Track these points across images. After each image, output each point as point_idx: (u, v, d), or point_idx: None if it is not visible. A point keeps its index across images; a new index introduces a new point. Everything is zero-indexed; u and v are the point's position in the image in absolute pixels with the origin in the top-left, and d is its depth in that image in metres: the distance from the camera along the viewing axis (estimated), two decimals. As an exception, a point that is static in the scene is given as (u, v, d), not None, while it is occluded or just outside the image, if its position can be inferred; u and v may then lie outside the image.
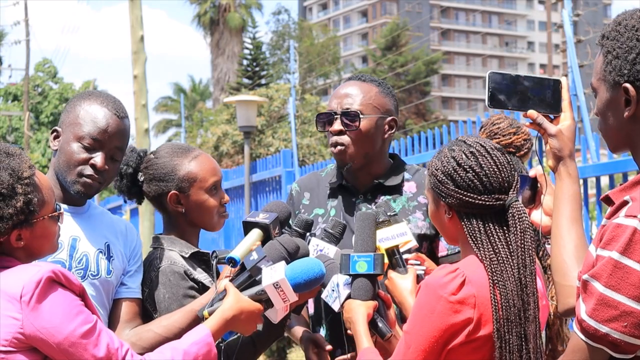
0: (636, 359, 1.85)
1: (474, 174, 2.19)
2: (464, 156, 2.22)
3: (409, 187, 3.06)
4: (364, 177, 3.06)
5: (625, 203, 1.85)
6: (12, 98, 33.44)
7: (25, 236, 2.26)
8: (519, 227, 2.18)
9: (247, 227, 2.68)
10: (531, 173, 2.67)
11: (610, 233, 1.83)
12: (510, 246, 2.17)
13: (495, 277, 2.13)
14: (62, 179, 2.71)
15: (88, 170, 2.68)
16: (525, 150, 3.71)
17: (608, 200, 1.94)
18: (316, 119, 3.12)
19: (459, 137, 2.32)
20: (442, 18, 78.05)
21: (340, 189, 3.10)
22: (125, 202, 3.06)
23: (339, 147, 3.00)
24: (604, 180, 5.43)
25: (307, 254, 2.62)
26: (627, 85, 1.92)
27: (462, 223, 2.21)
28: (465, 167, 2.20)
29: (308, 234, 2.74)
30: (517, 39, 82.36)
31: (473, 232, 2.19)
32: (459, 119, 7.71)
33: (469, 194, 2.18)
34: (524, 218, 2.19)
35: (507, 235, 2.19)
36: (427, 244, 3.00)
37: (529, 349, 2.13)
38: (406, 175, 3.10)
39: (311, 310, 3.07)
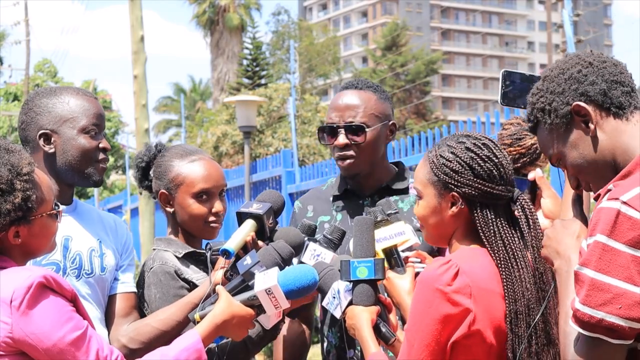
0: (635, 352, 1.85)
1: (492, 164, 2.22)
2: (477, 147, 2.24)
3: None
4: (369, 182, 3.05)
5: (608, 190, 1.88)
6: (12, 98, 33.38)
7: (23, 234, 2.24)
8: (530, 216, 2.22)
9: (241, 217, 2.67)
10: (530, 176, 2.66)
11: (594, 217, 1.85)
12: (516, 238, 2.21)
13: (506, 270, 2.15)
14: (76, 173, 2.74)
15: (101, 155, 2.77)
16: (520, 164, 3.63)
17: (599, 197, 1.96)
18: (318, 132, 3.08)
19: (456, 133, 2.34)
20: (442, 18, 78.05)
21: (346, 194, 3.08)
22: (140, 193, 3.10)
23: (347, 162, 2.97)
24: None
25: (302, 243, 2.62)
26: (578, 104, 1.95)
27: (475, 214, 2.21)
28: (483, 157, 2.22)
29: (306, 238, 2.70)
30: (517, 39, 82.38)
31: (486, 223, 2.20)
32: (459, 119, 7.71)
33: (488, 184, 2.20)
34: (532, 208, 2.24)
35: (512, 227, 2.22)
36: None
37: (541, 339, 2.14)
38: (411, 179, 3.07)
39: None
